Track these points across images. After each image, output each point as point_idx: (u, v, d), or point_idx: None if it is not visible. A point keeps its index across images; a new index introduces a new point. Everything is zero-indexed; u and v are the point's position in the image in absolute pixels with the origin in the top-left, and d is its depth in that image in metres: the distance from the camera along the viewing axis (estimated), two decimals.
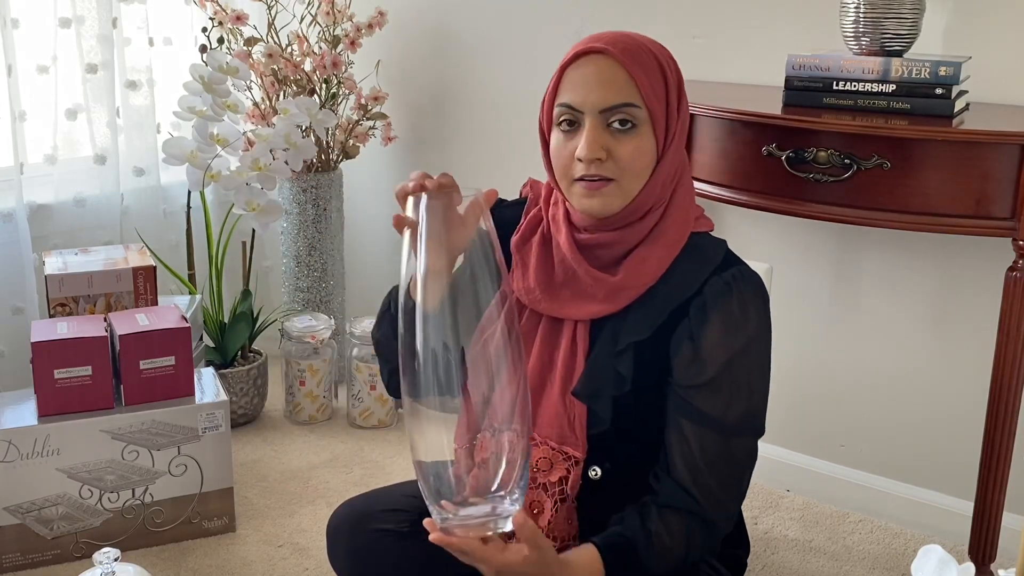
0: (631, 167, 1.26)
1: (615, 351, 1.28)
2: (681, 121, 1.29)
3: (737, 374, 1.26)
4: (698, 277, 1.28)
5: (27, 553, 1.91)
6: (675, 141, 1.28)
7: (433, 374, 1.09)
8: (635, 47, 1.27)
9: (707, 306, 1.26)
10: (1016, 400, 1.70)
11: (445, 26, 2.60)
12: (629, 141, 1.25)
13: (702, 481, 1.26)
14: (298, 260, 2.67)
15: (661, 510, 1.26)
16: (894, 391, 2.10)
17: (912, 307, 2.05)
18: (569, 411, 1.30)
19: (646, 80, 1.25)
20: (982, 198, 1.62)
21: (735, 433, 1.27)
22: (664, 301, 1.28)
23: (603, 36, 1.28)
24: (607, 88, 1.24)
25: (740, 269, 1.30)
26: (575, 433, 1.29)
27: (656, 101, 1.26)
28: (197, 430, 1.98)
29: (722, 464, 1.26)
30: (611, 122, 1.25)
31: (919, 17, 1.78)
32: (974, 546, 1.76)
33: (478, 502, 1.11)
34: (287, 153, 2.40)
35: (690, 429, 1.26)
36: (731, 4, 2.14)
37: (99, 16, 2.44)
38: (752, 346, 1.28)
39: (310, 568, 1.93)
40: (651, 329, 1.27)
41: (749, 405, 1.28)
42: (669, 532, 1.25)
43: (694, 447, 1.26)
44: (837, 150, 1.68)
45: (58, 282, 2.10)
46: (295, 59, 2.53)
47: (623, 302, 1.29)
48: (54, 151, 2.46)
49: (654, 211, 1.30)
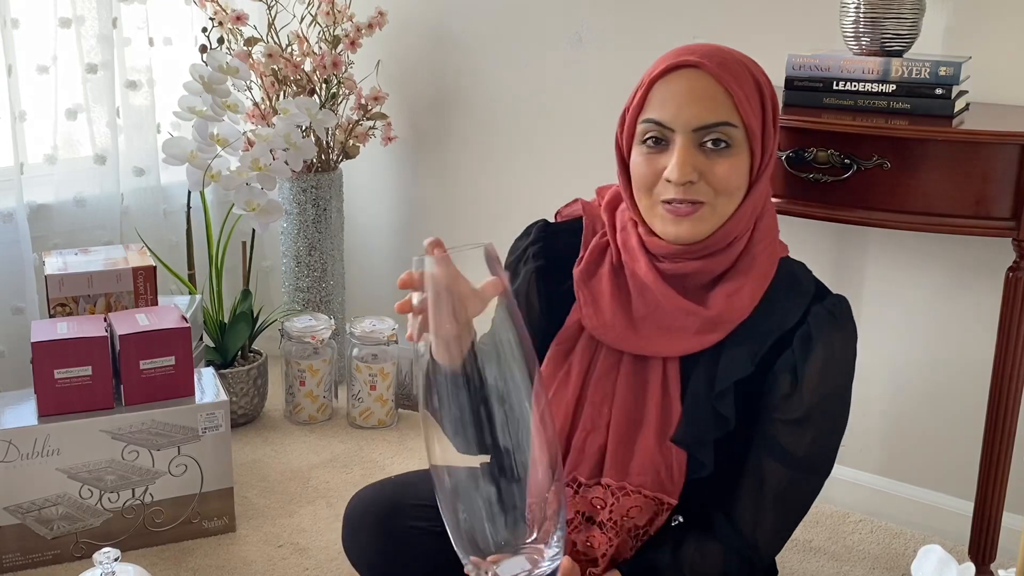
0: (725, 188, 1.17)
1: (715, 391, 1.19)
2: (776, 140, 1.22)
3: (828, 412, 1.21)
4: (798, 306, 1.21)
5: (27, 553, 1.91)
6: (771, 161, 1.21)
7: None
8: (731, 61, 1.19)
9: (812, 337, 1.19)
10: (1016, 400, 1.70)
11: (445, 26, 2.60)
12: (724, 161, 1.17)
13: (763, 517, 1.20)
14: (298, 260, 2.67)
15: (703, 540, 1.19)
16: (894, 391, 2.10)
17: (912, 307, 2.04)
18: (667, 458, 1.20)
19: (743, 96, 1.17)
20: (982, 198, 1.62)
21: (810, 471, 1.21)
22: (764, 333, 1.20)
23: (695, 48, 1.19)
24: (701, 105, 1.16)
25: (839, 299, 1.25)
26: (672, 480, 1.20)
27: (754, 118, 1.18)
28: (197, 430, 1.98)
29: (788, 501, 1.21)
30: (704, 141, 1.17)
31: (919, 17, 1.78)
32: (974, 546, 1.76)
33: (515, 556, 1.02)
34: (287, 153, 2.40)
35: (771, 467, 1.20)
36: (731, 4, 2.14)
37: (99, 16, 2.44)
38: (847, 384, 1.23)
39: (310, 568, 1.93)
40: (753, 364, 1.19)
41: (830, 444, 1.23)
42: (703, 560, 1.19)
43: (767, 484, 1.19)
44: (837, 150, 1.68)
45: (58, 282, 2.10)
46: (295, 59, 2.53)
47: (717, 336, 1.20)
48: (54, 151, 2.46)
49: (740, 238, 1.22)
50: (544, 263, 1.32)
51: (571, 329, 1.27)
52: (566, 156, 2.41)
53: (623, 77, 2.28)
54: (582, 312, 1.25)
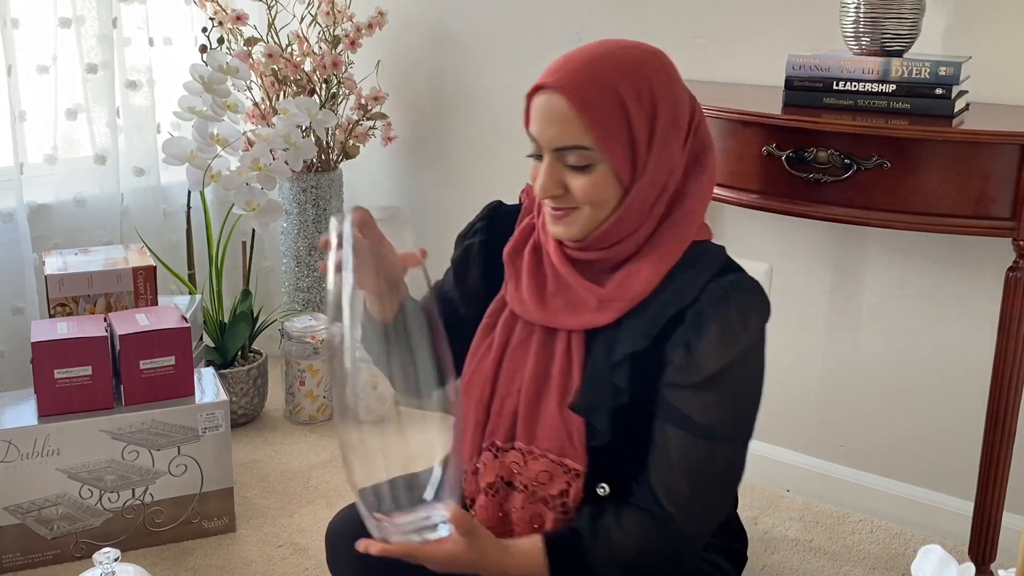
0: (589, 201, 1.24)
1: (611, 363, 1.25)
2: (657, 149, 1.23)
3: (729, 381, 1.23)
4: (695, 285, 1.25)
5: (27, 553, 1.91)
6: (648, 171, 1.23)
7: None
8: (594, 79, 1.21)
9: (704, 314, 1.22)
10: (1016, 400, 1.70)
11: (445, 26, 2.60)
12: (584, 178, 1.22)
13: (675, 486, 1.23)
14: (298, 260, 2.67)
15: (621, 507, 1.24)
16: (894, 391, 2.10)
17: (912, 307, 2.05)
18: (568, 424, 1.27)
19: (597, 121, 1.20)
20: (982, 198, 1.62)
21: (719, 440, 1.24)
22: (660, 310, 1.25)
23: (565, 64, 1.23)
24: (557, 128, 1.21)
25: (739, 276, 1.26)
26: (575, 446, 1.26)
27: (611, 142, 1.21)
28: (197, 430, 1.98)
29: (700, 470, 1.23)
30: (566, 160, 1.23)
31: (919, 17, 1.78)
32: (974, 546, 1.76)
33: (410, 511, 1.16)
34: (287, 153, 2.40)
35: (673, 433, 1.23)
36: (731, 4, 2.14)
37: (99, 16, 2.44)
38: (749, 354, 1.24)
39: (310, 568, 1.93)
40: (648, 339, 1.24)
41: (738, 413, 1.25)
42: (621, 529, 1.23)
43: (673, 451, 1.23)
44: (837, 150, 1.68)
45: (58, 282, 2.10)
46: (295, 59, 2.53)
47: (614, 314, 1.26)
48: (54, 151, 2.46)
49: (639, 231, 1.27)
50: (485, 238, 1.42)
51: (498, 303, 1.37)
52: None
53: None
54: (506, 288, 1.35)
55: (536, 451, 1.29)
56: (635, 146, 1.22)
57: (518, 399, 1.31)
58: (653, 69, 1.24)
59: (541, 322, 1.30)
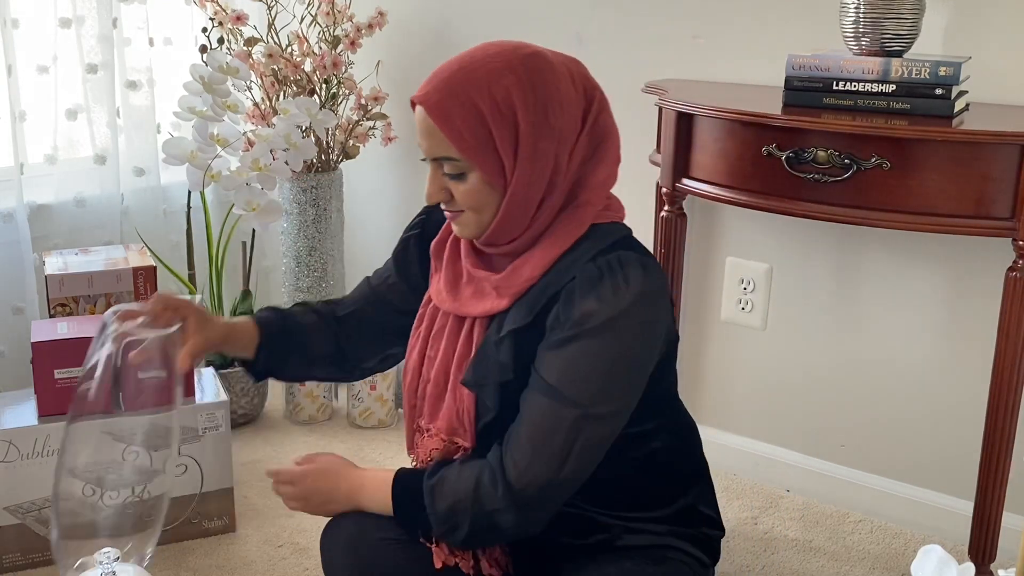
0: (469, 206, 1.30)
1: (496, 340, 1.31)
2: (525, 154, 1.26)
3: (582, 344, 1.24)
4: (578, 264, 1.28)
5: (27, 553, 1.91)
6: (520, 175, 1.26)
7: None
8: (451, 95, 1.26)
9: (575, 290, 1.25)
10: (1016, 400, 1.70)
11: (445, 26, 2.60)
12: (460, 185, 1.29)
13: (517, 441, 1.25)
14: (298, 260, 2.67)
15: (471, 457, 1.31)
16: (894, 391, 2.10)
17: (912, 307, 2.05)
18: (459, 403, 1.33)
19: (458, 134, 1.25)
20: (982, 198, 1.62)
21: (565, 401, 1.24)
22: (543, 289, 1.30)
23: (432, 78, 1.29)
24: (428, 140, 1.29)
25: (622, 255, 1.27)
26: (463, 424, 1.33)
27: (475, 152, 1.26)
28: (197, 430, 1.98)
29: (543, 429, 1.25)
30: (443, 169, 1.30)
31: (919, 17, 1.78)
32: (974, 546, 1.76)
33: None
34: (287, 153, 2.40)
35: (528, 393, 1.27)
36: (731, 4, 2.14)
37: (99, 16, 2.44)
38: (616, 324, 1.24)
39: (310, 568, 1.93)
40: (530, 315, 1.29)
41: (586, 374, 1.25)
42: (458, 474, 1.28)
43: (524, 409, 1.27)
44: (837, 150, 1.68)
45: (58, 282, 2.10)
46: (295, 59, 2.53)
47: (510, 299, 1.31)
48: (54, 151, 2.46)
49: (537, 222, 1.31)
50: (421, 232, 1.52)
51: (427, 295, 1.45)
52: None
53: (623, 77, 2.29)
54: (431, 280, 1.43)
55: (432, 430, 1.37)
56: (500, 153, 1.26)
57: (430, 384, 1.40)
58: (514, 77, 1.26)
59: (453, 311, 1.37)
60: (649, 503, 1.40)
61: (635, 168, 2.26)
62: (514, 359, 1.29)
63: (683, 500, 1.42)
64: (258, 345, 1.48)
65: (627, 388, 1.29)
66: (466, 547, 1.34)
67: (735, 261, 2.24)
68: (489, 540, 1.34)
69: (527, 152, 1.26)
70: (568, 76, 1.29)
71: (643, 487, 1.40)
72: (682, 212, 2.04)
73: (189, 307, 1.41)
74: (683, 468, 1.44)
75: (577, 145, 1.30)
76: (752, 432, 2.30)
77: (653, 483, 1.40)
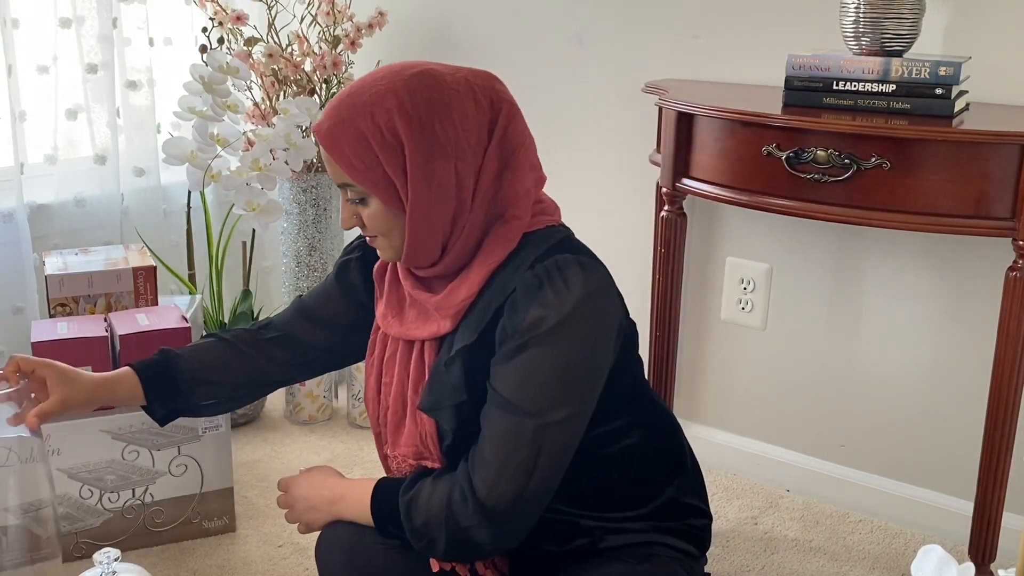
0: (375, 231, 1.31)
1: (446, 361, 1.30)
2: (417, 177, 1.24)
3: (530, 353, 1.23)
4: (517, 275, 1.26)
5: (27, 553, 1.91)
6: (418, 197, 1.25)
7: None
8: (339, 124, 1.26)
9: (517, 301, 1.24)
10: (1016, 400, 1.70)
11: (445, 26, 2.60)
12: (364, 210, 1.30)
13: (482, 458, 1.24)
14: (298, 260, 2.67)
15: (443, 473, 1.30)
16: (894, 391, 2.10)
17: (912, 307, 2.05)
18: (420, 428, 1.33)
19: (348, 162, 1.26)
20: (982, 198, 1.62)
21: (523, 413, 1.23)
22: (486, 305, 1.28)
23: (327, 109, 1.30)
24: (330, 168, 1.30)
25: (559, 259, 1.26)
26: (428, 447, 1.33)
27: (367, 178, 1.26)
28: (197, 430, 1.98)
29: (506, 443, 1.23)
30: (348, 195, 1.31)
31: (919, 17, 1.78)
32: (974, 546, 1.76)
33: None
34: (287, 153, 2.40)
35: (487, 408, 1.26)
36: (731, 4, 2.14)
37: (99, 16, 2.44)
38: (563, 328, 1.23)
39: (310, 568, 1.93)
40: (475, 333, 1.27)
41: (537, 382, 1.23)
42: (431, 493, 1.27)
43: (485, 425, 1.25)
44: (837, 150, 1.68)
45: (58, 282, 2.10)
46: (295, 59, 2.53)
47: (453, 320, 1.30)
48: (54, 151, 2.46)
49: (458, 242, 1.29)
50: (361, 254, 1.51)
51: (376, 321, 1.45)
52: (565, 156, 2.41)
53: (623, 77, 2.29)
54: (376, 305, 1.43)
55: (399, 456, 1.37)
56: (392, 177, 1.26)
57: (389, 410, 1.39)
58: (395, 99, 1.25)
59: (400, 335, 1.37)
60: (631, 501, 1.38)
61: (635, 168, 2.26)
62: (465, 379, 1.28)
63: (667, 493, 1.40)
64: (143, 391, 1.50)
65: (584, 390, 1.27)
66: (449, 560, 1.33)
67: (735, 261, 2.24)
68: (470, 554, 1.31)
69: (418, 173, 1.25)
70: (468, 90, 1.28)
71: (622, 485, 1.38)
72: (682, 212, 2.04)
73: (48, 367, 1.44)
74: (662, 461, 1.42)
75: (486, 159, 1.28)
76: (752, 432, 2.30)
77: (632, 480, 1.38)
